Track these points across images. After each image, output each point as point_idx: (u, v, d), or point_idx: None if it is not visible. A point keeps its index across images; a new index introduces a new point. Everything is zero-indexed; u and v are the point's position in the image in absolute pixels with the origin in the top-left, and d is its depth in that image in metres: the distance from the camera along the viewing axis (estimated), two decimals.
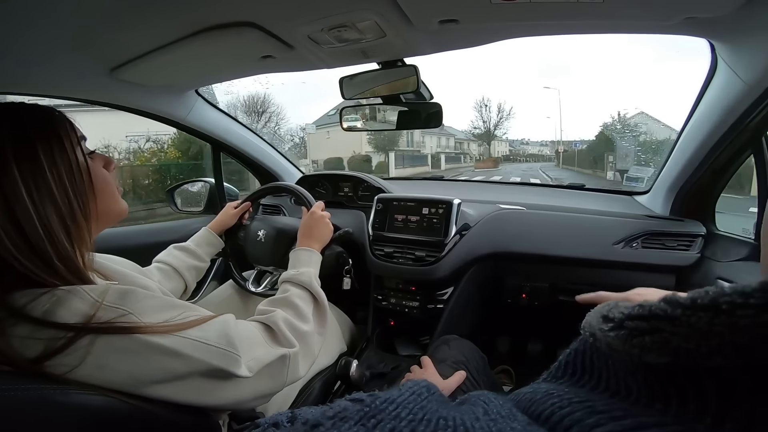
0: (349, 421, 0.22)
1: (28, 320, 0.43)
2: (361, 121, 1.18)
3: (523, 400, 0.25)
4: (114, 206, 0.60)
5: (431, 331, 1.18)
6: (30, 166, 0.47)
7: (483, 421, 0.22)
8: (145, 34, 0.76)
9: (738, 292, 0.17)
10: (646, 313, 0.20)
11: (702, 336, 0.17)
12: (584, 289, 1.13)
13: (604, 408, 0.21)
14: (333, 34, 0.76)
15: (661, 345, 0.19)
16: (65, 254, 0.49)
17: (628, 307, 0.21)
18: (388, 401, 0.24)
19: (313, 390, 0.95)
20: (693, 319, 0.18)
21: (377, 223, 1.26)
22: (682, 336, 0.18)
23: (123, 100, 1.12)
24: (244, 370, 0.53)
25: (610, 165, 16.61)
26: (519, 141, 41.93)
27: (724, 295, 0.17)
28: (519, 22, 0.76)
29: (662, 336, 0.19)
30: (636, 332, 0.20)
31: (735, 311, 0.17)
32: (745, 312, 0.16)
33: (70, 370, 0.43)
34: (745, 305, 0.16)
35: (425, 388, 0.27)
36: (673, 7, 0.66)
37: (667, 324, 0.19)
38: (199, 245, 1.00)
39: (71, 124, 0.54)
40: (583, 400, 0.22)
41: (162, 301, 0.51)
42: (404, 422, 0.22)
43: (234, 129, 1.47)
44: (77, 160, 0.52)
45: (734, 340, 0.16)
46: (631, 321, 0.20)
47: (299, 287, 0.75)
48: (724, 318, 0.17)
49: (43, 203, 0.48)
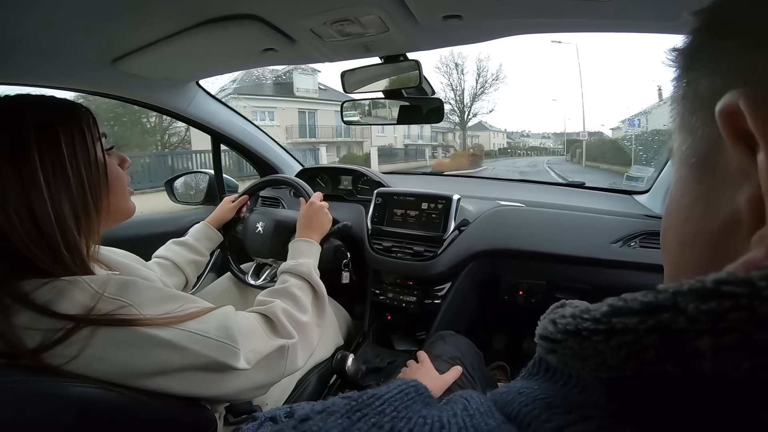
0: (335, 414, 0.23)
1: (31, 307, 0.44)
2: (362, 116, 1.17)
3: (499, 401, 0.25)
4: (124, 204, 0.61)
5: (428, 326, 1.19)
6: (51, 155, 0.48)
7: (460, 417, 0.23)
8: (148, 25, 0.76)
9: (592, 318, 0.18)
10: (547, 334, 0.21)
11: (581, 357, 0.18)
12: (581, 287, 1.15)
13: (559, 403, 0.21)
14: (336, 27, 0.76)
15: (564, 362, 0.20)
16: (73, 244, 0.49)
17: (544, 326, 0.22)
18: (375, 396, 0.24)
19: (310, 383, 0.96)
20: (569, 343, 0.19)
21: (376, 217, 1.26)
22: (569, 357, 0.19)
23: (124, 91, 1.12)
24: (243, 363, 0.54)
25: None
26: (518, 133, 38.72)
27: (584, 320, 0.18)
28: (522, 20, 0.75)
29: (558, 355, 0.20)
30: (546, 350, 0.21)
31: (591, 337, 0.18)
32: (599, 338, 0.17)
33: (68, 361, 0.43)
34: (597, 331, 0.17)
35: (413, 388, 0.27)
36: (677, 8, 0.66)
37: (557, 346, 0.20)
38: (198, 240, 1.00)
39: (94, 120, 0.55)
40: (545, 396, 0.23)
41: (162, 292, 0.52)
42: (387, 418, 0.23)
43: (234, 121, 1.47)
44: (96, 155, 0.54)
45: (603, 360, 0.17)
46: (540, 340, 0.22)
47: (298, 278, 0.76)
48: (587, 343, 0.18)
49: (59, 192, 0.49)
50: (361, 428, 0.21)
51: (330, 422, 0.22)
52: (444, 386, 0.80)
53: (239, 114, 1.50)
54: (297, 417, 0.23)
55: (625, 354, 0.16)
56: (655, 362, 0.16)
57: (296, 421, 0.23)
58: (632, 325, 0.16)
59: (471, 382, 0.86)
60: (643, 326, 0.16)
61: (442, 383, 0.80)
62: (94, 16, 0.69)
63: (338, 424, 0.22)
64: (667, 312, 0.15)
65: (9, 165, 0.46)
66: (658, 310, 0.15)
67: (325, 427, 0.21)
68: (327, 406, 0.24)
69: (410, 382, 0.28)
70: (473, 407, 0.24)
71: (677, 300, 0.15)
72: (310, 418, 0.23)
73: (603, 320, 0.17)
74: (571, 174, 15.62)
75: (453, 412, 0.23)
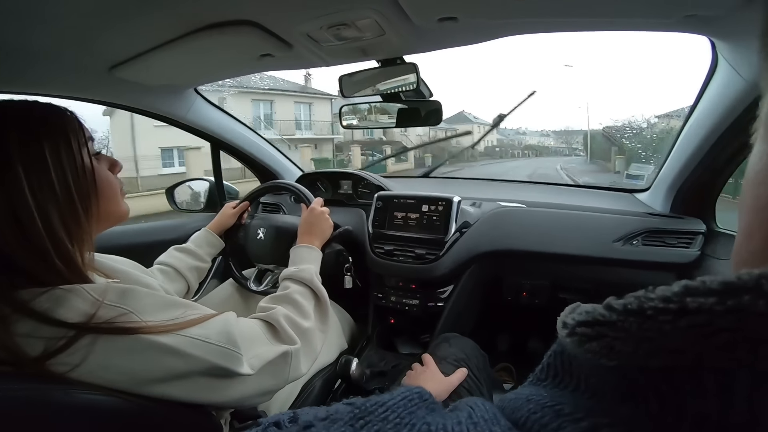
0: (339, 422, 0.23)
1: (31, 316, 0.43)
2: (360, 119, 1.17)
3: (507, 407, 0.25)
4: (116, 209, 0.60)
5: (431, 329, 1.19)
6: (35, 165, 0.47)
7: (464, 425, 0.23)
8: (145, 32, 0.76)
9: (660, 297, 0.17)
10: (591, 319, 0.20)
11: (638, 340, 0.18)
12: (585, 286, 1.15)
13: (570, 410, 0.21)
14: (332, 32, 0.76)
15: (608, 350, 0.19)
16: (66, 254, 0.49)
17: (580, 314, 0.22)
18: (378, 404, 0.24)
19: (314, 388, 0.95)
20: (627, 324, 0.18)
21: (377, 221, 1.26)
22: (621, 340, 0.19)
23: (122, 98, 1.12)
24: (246, 368, 0.53)
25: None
26: (513, 130, 37.11)
27: (649, 300, 0.18)
28: (518, 20, 0.75)
29: (606, 341, 0.19)
30: (585, 338, 0.20)
31: (658, 317, 0.17)
32: (666, 317, 0.17)
33: (72, 369, 0.43)
34: (666, 310, 0.17)
35: (417, 395, 0.27)
36: (673, 5, 0.66)
37: (608, 329, 0.19)
38: (199, 246, 1.00)
39: (80, 124, 0.54)
40: (554, 403, 0.22)
41: (163, 299, 0.52)
42: (390, 425, 0.23)
43: (233, 127, 1.47)
44: (83, 162, 0.52)
45: (665, 343, 0.17)
46: (580, 327, 0.21)
47: (300, 284, 0.75)
48: (650, 323, 0.17)
49: (46, 203, 0.47)
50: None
51: (333, 430, 0.22)
52: (450, 388, 0.79)
53: (238, 120, 1.50)
54: (300, 424, 0.23)
55: (694, 336, 0.16)
56: (726, 347, 0.15)
57: (300, 428, 0.22)
58: (708, 305, 0.15)
59: (476, 383, 0.85)
60: (720, 307, 0.15)
61: (448, 386, 0.79)
62: (91, 23, 0.69)
63: (342, 431, 0.22)
64: (749, 294, 0.14)
65: None
66: (739, 291, 0.15)
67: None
68: (330, 413, 0.24)
69: (414, 388, 0.28)
70: (478, 415, 0.24)
71: (761, 282, 0.14)
72: (313, 425, 0.23)
73: (674, 299, 0.17)
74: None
75: (457, 420, 0.23)
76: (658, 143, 13.29)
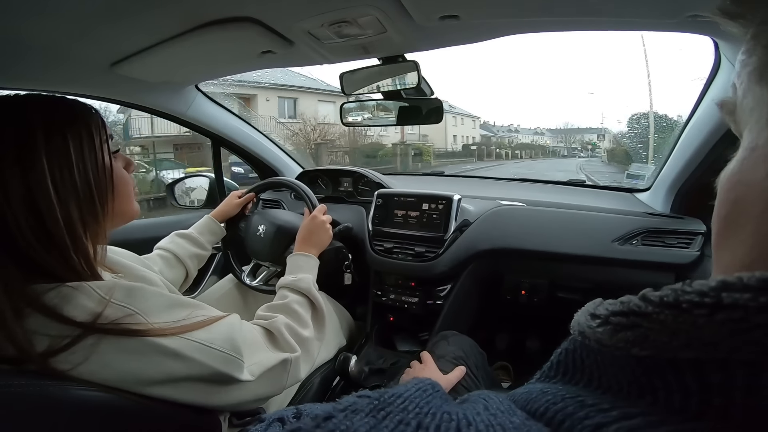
0: (360, 413, 0.23)
1: (43, 311, 0.43)
2: (362, 117, 1.17)
3: (519, 400, 0.26)
4: (129, 207, 0.61)
5: (430, 327, 1.19)
6: (60, 160, 0.48)
7: (484, 416, 0.23)
8: (146, 29, 0.76)
9: (696, 291, 0.18)
10: (626, 309, 0.21)
11: (672, 331, 0.18)
12: (584, 286, 1.15)
13: (594, 402, 0.22)
14: (333, 29, 0.76)
15: (642, 339, 0.20)
16: (82, 248, 0.49)
17: (612, 304, 0.22)
18: (396, 395, 0.25)
19: (313, 385, 0.96)
20: (662, 316, 0.19)
21: (377, 219, 1.26)
22: (656, 331, 0.19)
23: (123, 95, 1.12)
24: (246, 374, 0.54)
25: None
26: (505, 128, 32.93)
27: (686, 293, 0.18)
28: (520, 19, 0.75)
29: (641, 331, 0.20)
30: (619, 327, 0.21)
31: (693, 310, 0.17)
32: (701, 311, 0.17)
33: (74, 367, 0.43)
34: (701, 304, 0.17)
35: (430, 386, 0.28)
36: (676, 5, 0.65)
37: (644, 320, 0.20)
38: (201, 233, 1.01)
39: (103, 122, 0.54)
40: (574, 395, 0.23)
41: (169, 299, 0.52)
42: (411, 414, 0.23)
43: (234, 124, 1.47)
44: (104, 159, 0.53)
45: (699, 336, 0.17)
46: (615, 317, 0.22)
47: (298, 293, 0.76)
48: (686, 316, 0.18)
49: (68, 197, 0.48)
50: (388, 426, 0.22)
51: (356, 420, 0.22)
52: (448, 386, 0.79)
53: (239, 117, 1.50)
54: (320, 416, 0.23)
55: (728, 331, 0.16)
56: (759, 342, 0.15)
57: (320, 420, 0.23)
58: (743, 301, 0.16)
59: (475, 382, 0.85)
60: (755, 303, 0.15)
61: (446, 383, 0.79)
62: (92, 19, 0.69)
63: (365, 422, 0.22)
64: None
65: (16, 168, 0.45)
66: None
67: (352, 426, 0.22)
68: (348, 405, 0.24)
69: (425, 380, 0.29)
70: (494, 407, 0.25)
71: None
72: (333, 416, 0.23)
73: (710, 294, 0.17)
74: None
75: (476, 411, 0.24)
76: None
